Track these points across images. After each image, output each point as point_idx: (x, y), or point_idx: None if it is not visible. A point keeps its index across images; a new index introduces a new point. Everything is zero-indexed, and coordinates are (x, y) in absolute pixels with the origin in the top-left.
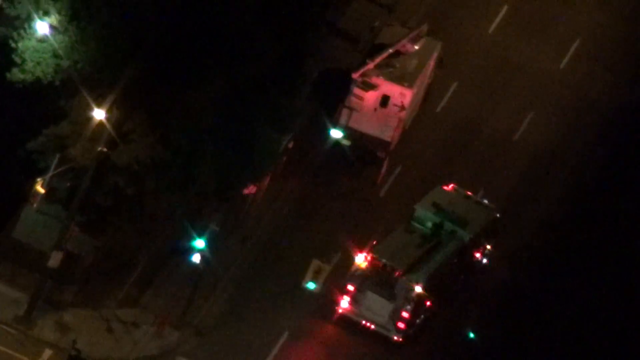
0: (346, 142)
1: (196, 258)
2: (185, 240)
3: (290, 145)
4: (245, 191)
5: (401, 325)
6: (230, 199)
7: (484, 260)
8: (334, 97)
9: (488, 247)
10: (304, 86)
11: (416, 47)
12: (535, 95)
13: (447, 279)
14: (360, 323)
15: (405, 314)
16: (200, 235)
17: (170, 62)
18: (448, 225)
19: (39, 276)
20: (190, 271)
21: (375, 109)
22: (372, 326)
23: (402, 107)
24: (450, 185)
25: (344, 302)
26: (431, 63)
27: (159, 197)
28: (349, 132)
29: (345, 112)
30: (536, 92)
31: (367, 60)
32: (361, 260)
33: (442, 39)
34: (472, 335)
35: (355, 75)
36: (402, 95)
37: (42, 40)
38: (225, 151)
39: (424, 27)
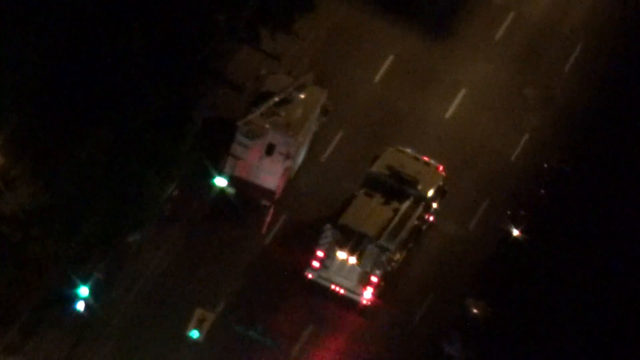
0: (231, 191)
1: (80, 306)
2: (70, 288)
3: (176, 193)
4: (130, 239)
5: (370, 289)
6: (115, 247)
7: (431, 218)
8: (218, 145)
9: (435, 205)
10: (189, 134)
11: (301, 96)
12: (420, 145)
13: (408, 240)
14: (330, 288)
15: (374, 279)
16: (84, 283)
17: (56, 109)
18: (405, 188)
19: None
20: (75, 319)
21: (261, 158)
22: (341, 291)
23: (288, 156)
24: (397, 147)
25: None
26: (316, 112)
27: (44, 244)
28: (233, 180)
29: (230, 160)
30: (422, 141)
31: (252, 109)
32: (330, 226)
33: (327, 88)
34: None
35: (240, 124)
36: (287, 143)
37: None
38: (110, 198)
39: (310, 76)
